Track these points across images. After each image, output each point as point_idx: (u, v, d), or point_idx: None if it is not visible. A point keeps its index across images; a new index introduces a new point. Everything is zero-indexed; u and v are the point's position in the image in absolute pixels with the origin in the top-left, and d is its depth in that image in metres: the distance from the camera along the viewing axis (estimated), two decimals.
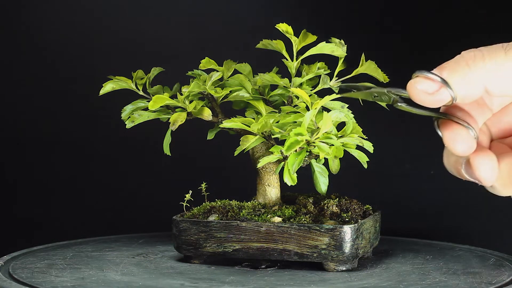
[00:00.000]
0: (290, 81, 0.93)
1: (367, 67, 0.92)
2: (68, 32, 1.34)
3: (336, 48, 0.91)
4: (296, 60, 0.92)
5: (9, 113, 1.36)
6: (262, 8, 1.32)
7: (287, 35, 0.91)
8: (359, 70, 0.92)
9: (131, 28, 1.33)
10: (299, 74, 0.94)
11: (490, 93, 0.66)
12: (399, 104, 0.70)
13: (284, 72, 0.95)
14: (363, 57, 0.91)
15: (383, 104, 0.84)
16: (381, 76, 0.92)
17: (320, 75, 0.93)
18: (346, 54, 0.92)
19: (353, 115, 0.94)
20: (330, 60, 0.93)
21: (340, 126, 0.89)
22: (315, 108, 0.83)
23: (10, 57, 1.35)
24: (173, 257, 0.94)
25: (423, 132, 1.24)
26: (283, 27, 0.91)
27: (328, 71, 0.93)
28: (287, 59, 0.93)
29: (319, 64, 0.93)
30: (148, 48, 1.34)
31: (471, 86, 0.66)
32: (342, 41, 0.92)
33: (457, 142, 0.67)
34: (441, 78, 0.65)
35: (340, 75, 0.92)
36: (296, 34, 0.92)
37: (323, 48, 0.91)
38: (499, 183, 0.69)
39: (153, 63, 0.97)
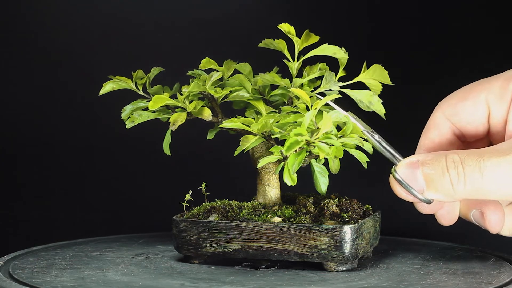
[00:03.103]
0: (291, 82, 0.93)
1: (373, 73, 0.91)
2: (68, 32, 1.34)
3: (338, 50, 0.91)
4: (298, 60, 0.92)
5: (8, 113, 1.36)
6: (263, 8, 1.32)
7: (289, 35, 0.91)
8: (361, 78, 0.91)
9: (132, 28, 1.33)
10: (300, 74, 0.94)
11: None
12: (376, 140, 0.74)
13: (284, 72, 0.95)
14: (364, 65, 0.91)
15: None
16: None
17: (322, 76, 0.92)
18: (348, 57, 0.92)
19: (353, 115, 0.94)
20: (331, 63, 0.93)
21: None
22: (315, 108, 0.83)
23: (10, 57, 1.35)
24: (173, 257, 0.94)
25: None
26: (285, 27, 0.91)
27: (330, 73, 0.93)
28: (288, 60, 0.92)
29: (320, 65, 0.93)
30: (148, 48, 1.34)
31: (452, 204, 0.75)
32: (343, 49, 0.92)
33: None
34: (420, 198, 0.70)
35: (342, 80, 0.92)
36: (298, 35, 0.92)
37: (325, 49, 0.91)
38: (505, 231, 0.74)
39: (153, 63, 0.97)
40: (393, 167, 0.71)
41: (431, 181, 0.68)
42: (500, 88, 0.72)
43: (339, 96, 0.85)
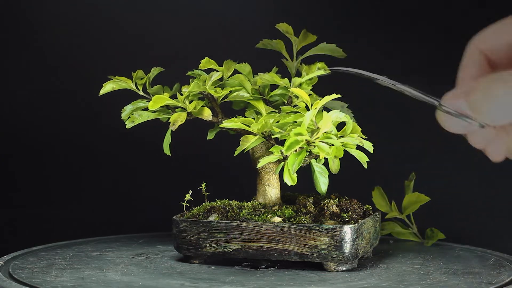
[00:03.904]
0: (290, 81, 0.93)
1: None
2: (68, 32, 1.34)
3: (337, 48, 0.91)
4: (296, 60, 0.92)
5: (9, 113, 1.36)
6: (262, 8, 1.32)
7: (287, 35, 0.91)
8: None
9: (132, 28, 1.33)
10: (299, 74, 0.94)
11: None
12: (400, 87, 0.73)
13: (284, 72, 0.95)
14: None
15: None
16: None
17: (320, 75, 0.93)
18: (345, 55, 0.92)
19: (353, 115, 0.94)
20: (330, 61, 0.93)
21: (340, 126, 0.89)
22: (315, 108, 0.83)
23: (10, 57, 1.35)
24: (173, 257, 0.94)
25: (423, 132, 1.24)
26: (283, 27, 0.91)
27: (328, 72, 0.93)
28: (287, 59, 0.92)
29: (319, 65, 0.93)
30: (148, 48, 1.34)
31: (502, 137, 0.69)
32: (341, 50, 0.92)
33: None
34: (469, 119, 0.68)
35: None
36: (296, 35, 0.92)
37: (323, 48, 0.91)
38: None
39: (153, 63, 0.97)
40: (438, 103, 0.71)
41: (477, 107, 0.68)
42: None
43: (338, 96, 0.85)
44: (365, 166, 0.89)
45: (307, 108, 0.85)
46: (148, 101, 0.92)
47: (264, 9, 1.32)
